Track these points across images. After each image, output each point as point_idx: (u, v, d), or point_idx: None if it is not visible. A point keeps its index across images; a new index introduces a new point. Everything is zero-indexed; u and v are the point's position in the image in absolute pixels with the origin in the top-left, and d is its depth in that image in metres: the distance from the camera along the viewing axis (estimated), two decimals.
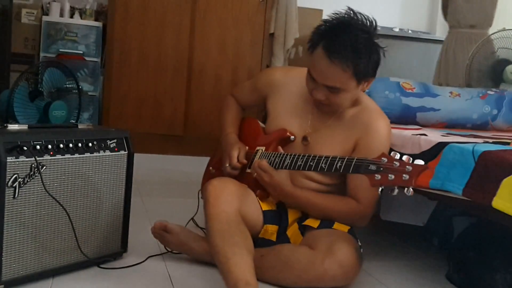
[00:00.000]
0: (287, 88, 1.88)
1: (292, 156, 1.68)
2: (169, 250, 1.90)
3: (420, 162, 1.38)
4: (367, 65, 1.62)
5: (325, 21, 1.66)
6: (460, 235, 2.14)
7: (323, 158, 1.59)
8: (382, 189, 1.43)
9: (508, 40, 3.06)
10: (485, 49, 3.13)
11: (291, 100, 1.85)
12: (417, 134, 1.84)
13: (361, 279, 1.76)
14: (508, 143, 1.80)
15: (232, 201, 1.61)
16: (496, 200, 1.40)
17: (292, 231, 1.81)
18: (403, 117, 2.44)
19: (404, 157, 1.40)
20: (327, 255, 1.59)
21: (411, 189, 1.37)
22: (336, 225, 1.74)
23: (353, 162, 1.50)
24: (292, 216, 1.83)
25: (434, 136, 1.82)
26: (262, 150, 1.84)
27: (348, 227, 1.76)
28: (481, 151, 1.51)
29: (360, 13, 1.65)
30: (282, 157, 1.70)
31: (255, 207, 1.78)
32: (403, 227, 2.32)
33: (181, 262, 1.84)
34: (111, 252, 1.79)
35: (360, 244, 1.73)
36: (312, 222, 1.76)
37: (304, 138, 1.81)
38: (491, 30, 3.38)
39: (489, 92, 2.55)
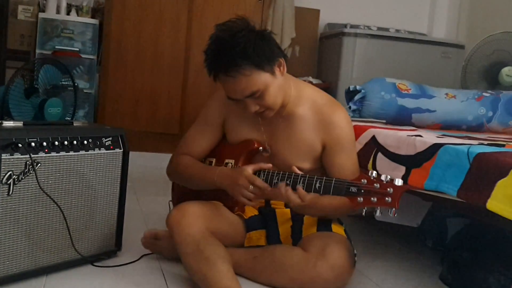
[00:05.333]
0: (234, 105, 1.77)
1: (266, 173, 1.63)
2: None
3: (399, 182, 1.38)
4: (260, 53, 1.58)
5: (205, 51, 1.64)
6: (454, 237, 2.14)
7: (299, 177, 1.55)
8: (365, 210, 1.43)
9: (504, 42, 3.08)
10: (481, 51, 3.14)
11: (242, 114, 1.77)
12: (412, 135, 1.84)
13: (355, 279, 1.76)
14: (503, 145, 1.80)
15: (195, 222, 1.62)
16: (490, 202, 1.40)
17: (285, 236, 1.79)
18: (399, 118, 2.44)
19: (383, 177, 1.40)
20: (319, 258, 1.59)
21: (394, 210, 1.38)
22: (334, 228, 1.73)
23: (332, 183, 1.48)
24: (281, 216, 1.82)
25: (430, 137, 1.82)
26: (231, 163, 1.79)
27: (343, 228, 1.76)
28: (476, 152, 1.51)
29: (223, 24, 1.62)
30: (258, 174, 1.64)
31: (231, 219, 1.77)
32: (398, 228, 2.33)
33: (175, 260, 1.84)
34: (105, 250, 1.79)
35: (353, 246, 1.72)
36: (310, 230, 1.74)
37: (265, 149, 1.77)
38: None
39: (484, 94, 2.55)
